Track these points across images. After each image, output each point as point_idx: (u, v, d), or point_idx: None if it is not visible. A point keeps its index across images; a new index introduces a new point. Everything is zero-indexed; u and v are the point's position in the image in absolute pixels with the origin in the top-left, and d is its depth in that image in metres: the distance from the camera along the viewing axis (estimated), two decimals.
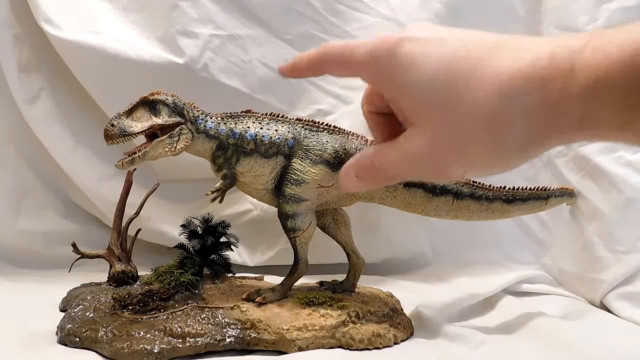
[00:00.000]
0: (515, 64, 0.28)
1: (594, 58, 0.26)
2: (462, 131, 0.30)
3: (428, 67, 0.30)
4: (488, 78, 0.29)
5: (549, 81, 0.27)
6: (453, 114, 0.30)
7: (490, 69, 0.29)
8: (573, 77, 0.27)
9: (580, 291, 0.87)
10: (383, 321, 0.63)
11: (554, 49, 0.27)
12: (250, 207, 0.95)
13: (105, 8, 0.93)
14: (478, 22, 0.96)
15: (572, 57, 0.27)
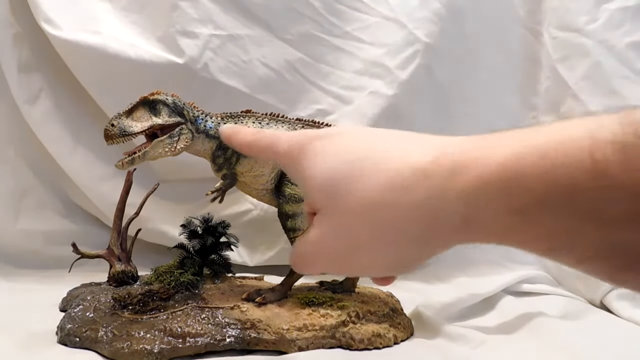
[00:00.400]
0: (404, 160, 0.29)
1: (474, 158, 0.26)
2: (354, 222, 0.31)
3: (329, 161, 0.32)
4: (379, 172, 0.29)
5: (430, 177, 0.28)
6: (346, 204, 0.31)
7: (382, 164, 0.29)
8: (454, 174, 0.27)
9: (580, 291, 0.87)
10: (383, 321, 0.63)
11: (445, 147, 0.28)
12: (250, 207, 0.95)
13: (105, 8, 0.93)
14: (478, 22, 0.97)
15: (455, 155, 0.27)
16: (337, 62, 0.95)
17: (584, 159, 0.22)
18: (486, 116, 0.98)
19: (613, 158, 0.21)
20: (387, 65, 0.93)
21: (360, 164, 0.30)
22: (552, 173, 0.23)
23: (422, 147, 0.29)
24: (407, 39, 0.93)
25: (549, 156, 0.23)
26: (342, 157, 0.32)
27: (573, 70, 0.91)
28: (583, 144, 0.22)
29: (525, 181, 0.24)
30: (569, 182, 0.23)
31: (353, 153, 0.31)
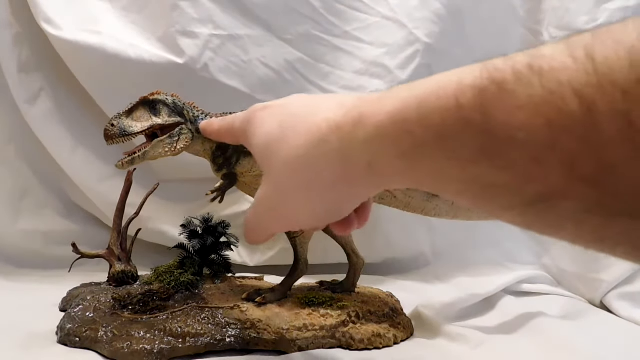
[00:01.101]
0: (324, 116, 0.32)
1: (375, 108, 0.29)
2: (282, 177, 0.34)
3: (267, 126, 0.36)
4: (305, 128, 0.33)
5: (341, 128, 0.31)
6: (277, 162, 0.34)
7: (307, 122, 0.33)
8: (359, 124, 0.30)
9: (580, 291, 0.87)
10: (383, 321, 0.63)
11: (355, 101, 0.31)
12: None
13: (105, 8, 0.93)
14: (478, 22, 0.97)
15: (362, 108, 0.30)
16: (337, 62, 0.95)
17: (451, 103, 0.25)
18: None
19: (471, 100, 0.24)
20: (387, 65, 0.93)
21: (290, 124, 0.34)
22: (427, 118, 0.26)
23: (340, 105, 0.32)
24: (407, 39, 0.93)
25: (425, 102, 0.26)
26: (277, 121, 0.35)
27: None
28: (451, 89, 0.25)
29: (407, 126, 0.27)
30: (439, 125, 0.25)
31: (285, 117, 0.35)
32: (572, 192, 0.22)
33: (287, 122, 0.34)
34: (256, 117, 0.38)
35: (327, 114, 0.32)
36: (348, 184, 0.32)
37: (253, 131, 0.38)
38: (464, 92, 0.24)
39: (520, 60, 0.23)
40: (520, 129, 0.22)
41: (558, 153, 0.21)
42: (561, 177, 0.22)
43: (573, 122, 0.21)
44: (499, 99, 0.23)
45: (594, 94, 0.20)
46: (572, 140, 0.21)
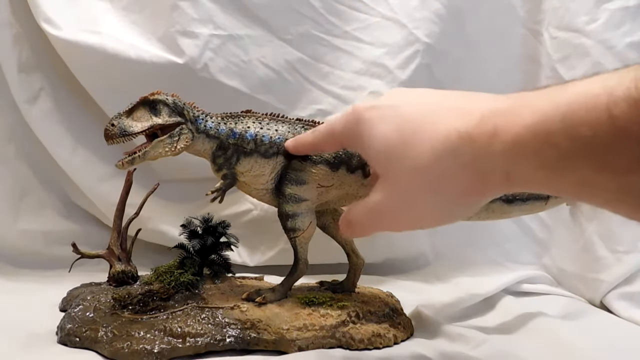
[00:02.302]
0: (451, 125, 0.32)
1: (511, 120, 0.29)
2: (408, 183, 0.34)
3: (384, 129, 0.36)
4: (429, 137, 0.33)
5: (475, 140, 0.31)
6: (401, 168, 0.34)
7: (432, 129, 0.33)
8: (495, 137, 0.30)
9: (580, 291, 0.87)
10: (383, 321, 0.63)
11: (484, 111, 0.31)
12: (250, 207, 0.95)
13: (105, 8, 0.93)
14: (478, 22, 0.97)
15: (496, 119, 0.30)
16: (337, 62, 0.95)
17: (602, 115, 0.24)
18: None
19: (627, 112, 0.24)
20: (387, 65, 0.93)
21: (411, 130, 0.34)
22: (574, 129, 0.26)
23: (465, 111, 0.32)
24: (407, 39, 0.93)
25: (571, 114, 0.26)
26: (392, 126, 0.35)
27: (573, 70, 0.91)
28: (601, 101, 0.25)
29: (552, 139, 0.27)
30: (590, 137, 0.25)
31: (402, 121, 0.35)
32: None
33: (405, 128, 0.34)
34: (364, 119, 0.37)
35: (453, 123, 0.32)
36: (481, 192, 0.33)
37: (365, 134, 0.37)
38: (617, 104, 0.24)
39: None
40: None
41: None
42: None
43: None
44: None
45: None
46: None
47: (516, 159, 0.29)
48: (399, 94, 0.39)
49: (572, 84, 0.27)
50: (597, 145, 0.25)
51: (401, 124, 0.35)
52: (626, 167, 0.24)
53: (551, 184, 0.29)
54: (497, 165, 0.30)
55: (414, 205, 0.35)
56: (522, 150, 0.28)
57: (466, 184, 0.32)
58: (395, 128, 0.35)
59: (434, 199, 0.34)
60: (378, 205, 0.37)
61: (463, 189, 0.32)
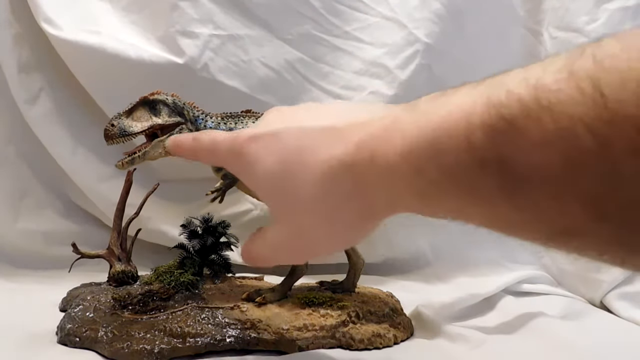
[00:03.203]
0: (330, 153, 0.31)
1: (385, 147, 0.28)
2: (299, 216, 0.33)
3: (267, 163, 0.34)
4: (312, 167, 0.32)
5: (355, 168, 0.30)
6: (289, 202, 0.33)
7: (314, 158, 0.32)
8: (372, 164, 0.29)
9: (580, 291, 0.87)
10: (383, 321, 0.63)
11: (362, 135, 0.30)
12: (250, 207, 0.95)
13: (105, 8, 0.93)
14: (478, 22, 0.97)
15: (372, 144, 0.29)
16: (337, 62, 0.95)
17: (462, 143, 0.24)
18: None
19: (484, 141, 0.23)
20: (387, 65, 0.93)
21: (293, 161, 0.32)
22: (440, 157, 0.25)
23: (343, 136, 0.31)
24: (407, 39, 0.93)
25: (437, 141, 0.25)
26: (275, 158, 0.33)
27: None
28: (461, 128, 0.24)
29: (421, 167, 0.26)
30: (454, 166, 0.24)
31: (284, 152, 0.33)
32: (592, 228, 0.21)
33: (288, 159, 0.33)
34: (248, 152, 0.35)
35: (333, 151, 0.31)
36: (370, 217, 0.32)
37: (248, 169, 0.36)
38: (474, 132, 0.23)
39: (524, 94, 0.22)
40: (537, 168, 0.21)
41: (577, 191, 0.21)
42: (582, 215, 0.21)
43: (590, 159, 0.20)
44: (511, 137, 0.22)
45: (607, 130, 0.19)
46: (591, 178, 0.20)
47: (392, 186, 0.28)
48: (278, 116, 0.37)
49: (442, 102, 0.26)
50: (461, 175, 0.24)
51: (284, 154, 0.33)
52: (489, 197, 0.24)
53: (429, 210, 0.28)
54: (376, 192, 0.29)
55: (309, 236, 0.34)
56: (397, 179, 0.27)
57: (355, 211, 0.31)
58: (279, 160, 0.33)
59: (327, 228, 0.33)
60: (274, 239, 0.36)
61: (353, 216, 0.32)
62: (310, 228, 0.33)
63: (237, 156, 0.36)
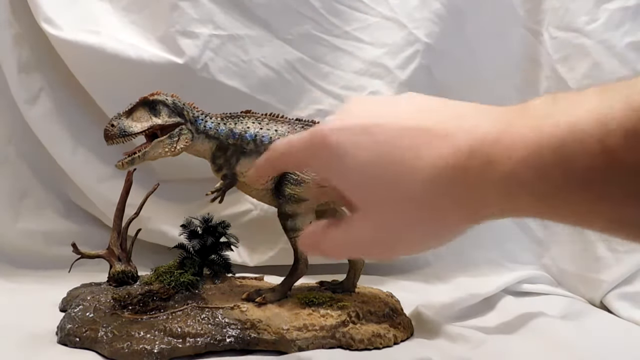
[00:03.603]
0: (437, 155, 0.30)
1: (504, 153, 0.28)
2: (394, 215, 0.33)
3: (359, 157, 0.32)
4: (415, 167, 0.31)
5: (467, 173, 0.29)
6: (384, 200, 0.32)
7: (415, 158, 0.31)
8: (488, 171, 0.29)
9: (580, 291, 0.87)
10: (383, 321, 0.63)
11: (472, 140, 0.30)
12: (250, 207, 0.95)
13: (105, 8, 0.93)
14: (478, 22, 0.97)
15: (487, 150, 0.29)
16: (337, 62, 0.95)
17: (596, 147, 0.24)
18: None
19: (623, 144, 0.23)
20: (387, 65, 0.93)
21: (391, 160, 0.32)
22: (568, 163, 0.25)
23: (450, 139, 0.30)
24: (407, 39, 0.93)
25: (565, 148, 0.25)
26: (369, 153, 0.32)
27: (573, 70, 0.91)
28: (594, 133, 0.24)
29: (546, 173, 0.26)
30: (585, 170, 0.25)
31: (379, 148, 0.32)
32: None
33: (384, 157, 0.32)
34: (332, 144, 0.33)
35: (439, 153, 0.30)
36: (473, 221, 0.32)
37: (334, 161, 0.34)
38: (611, 136, 0.23)
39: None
40: None
41: None
42: None
43: None
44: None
45: None
46: None
47: (511, 192, 0.28)
48: (365, 109, 0.35)
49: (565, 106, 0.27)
50: (593, 179, 0.24)
51: (378, 151, 0.32)
52: (622, 199, 0.24)
53: (549, 214, 0.28)
54: (490, 197, 0.29)
55: (401, 235, 0.34)
56: (517, 185, 0.27)
57: (458, 214, 0.31)
58: (373, 156, 0.32)
59: (423, 229, 0.33)
60: (356, 232, 0.35)
61: (455, 219, 0.31)
62: (406, 227, 0.33)
63: (319, 147, 0.34)
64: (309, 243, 0.38)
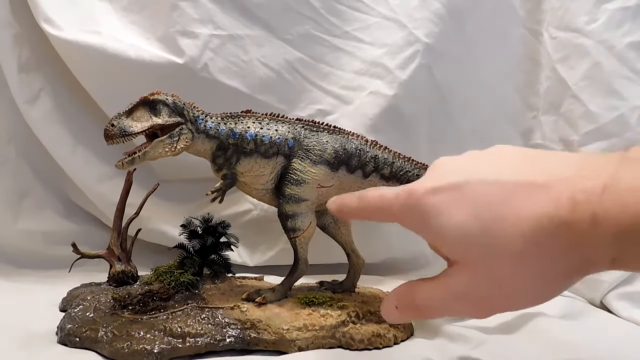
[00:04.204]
0: (538, 210, 0.30)
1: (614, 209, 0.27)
2: (498, 269, 0.32)
3: (456, 217, 0.33)
4: (514, 223, 0.31)
5: (574, 227, 0.29)
6: (486, 255, 0.32)
7: (515, 216, 0.31)
8: (597, 225, 0.28)
9: (580, 291, 0.87)
10: (383, 321, 0.63)
11: (574, 193, 0.29)
12: (250, 207, 0.95)
13: (105, 8, 0.93)
14: (478, 22, 0.97)
15: (593, 204, 0.28)
16: (337, 62, 0.95)
17: None
18: (486, 116, 0.98)
19: None
20: (387, 65, 0.93)
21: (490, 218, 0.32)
22: None
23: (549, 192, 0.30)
24: (407, 39, 0.93)
25: None
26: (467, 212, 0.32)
27: (573, 70, 0.91)
28: None
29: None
30: None
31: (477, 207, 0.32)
32: None
33: (482, 215, 0.32)
34: (427, 205, 0.34)
35: (540, 209, 0.30)
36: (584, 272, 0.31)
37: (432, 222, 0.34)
38: None
39: None
40: None
41: None
42: None
43: None
44: None
45: None
46: None
47: (624, 245, 0.28)
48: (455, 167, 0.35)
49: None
50: None
51: (475, 210, 0.32)
52: None
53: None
54: (602, 250, 0.29)
55: (506, 289, 0.33)
56: (631, 239, 0.27)
57: (570, 266, 0.31)
58: (470, 214, 0.32)
59: (531, 282, 0.32)
60: (456, 288, 0.35)
61: (566, 271, 0.31)
62: (509, 280, 0.32)
63: (414, 210, 0.35)
64: (403, 303, 0.38)
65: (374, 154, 0.65)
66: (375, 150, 0.65)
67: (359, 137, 0.66)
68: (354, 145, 0.64)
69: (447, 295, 0.35)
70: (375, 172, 0.65)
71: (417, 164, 0.66)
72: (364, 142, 0.65)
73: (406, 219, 0.37)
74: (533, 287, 0.32)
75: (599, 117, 0.87)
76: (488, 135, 0.97)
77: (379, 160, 0.65)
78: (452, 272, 0.35)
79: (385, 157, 0.65)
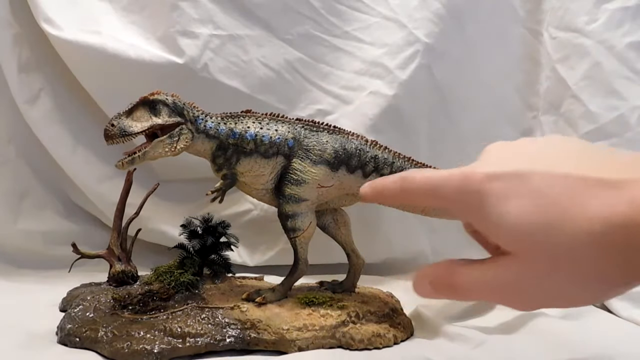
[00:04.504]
0: (610, 209, 0.29)
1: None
2: (551, 266, 0.31)
3: (519, 207, 0.31)
4: (584, 220, 0.30)
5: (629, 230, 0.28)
6: (545, 250, 0.31)
7: (581, 213, 0.30)
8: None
9: None
10: (383, 321, 0.63)
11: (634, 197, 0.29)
12: (250, 207, 0.95)
13: (105, 8, 0.93)
14: (478, 22, 0.97)
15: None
16: (337, 62, 0.95)
17: None
18: (486, 116, 0.98)
19: None
20: (387, 65, 0.93)
21: (555, 212, 0.31)
22: None
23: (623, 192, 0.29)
24: (407, 39, 0.93)
25: None
26: (530, 201, 0.31)
27: (573, 70, 0.91)
28: None
29: None
30: None
31: (541, 198, 0.31)
32: None
33: (547, 208, 0.31)
34: (487, 192, 0.33)
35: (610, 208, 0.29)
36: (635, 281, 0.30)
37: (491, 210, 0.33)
38: None
39: None
40: None
41: None
42: None
43: None
44: None
45: None
46: None
47: None
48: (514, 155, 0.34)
49: None
50: None
51: (540, 202, 0.31)
52: None
53: None
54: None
55: (551, 287, 0.32)
56: None
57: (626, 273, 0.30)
58: (534, 205, 0.31)
59: (587, 283, 0.31)
60: (501, 277, 0.34)
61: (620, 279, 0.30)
62: (567, 280, 0.32)
63: (471, 195, 0.33)
64: (439, 281, 0.37)
65: (374, 154, 0.65)
66: (375, 150, 0.65)
67: (359, 137, 0.66)
68: (354, 145, 0.64)
69: (493, 283, 0.34)
70: (375, 172, 0.65)
71: (417, 164, 0.66)
72: (364, 142, 0.65)
73: (459, 204, 0.35)
74: (588, 289, 0.32)
75: (599, 117, 0.87)
76: (488, 135, 0.97)
77: (379, 160, 0.65)
78: (503, 261, 0.33)
79: (385, 157, 0.65)
